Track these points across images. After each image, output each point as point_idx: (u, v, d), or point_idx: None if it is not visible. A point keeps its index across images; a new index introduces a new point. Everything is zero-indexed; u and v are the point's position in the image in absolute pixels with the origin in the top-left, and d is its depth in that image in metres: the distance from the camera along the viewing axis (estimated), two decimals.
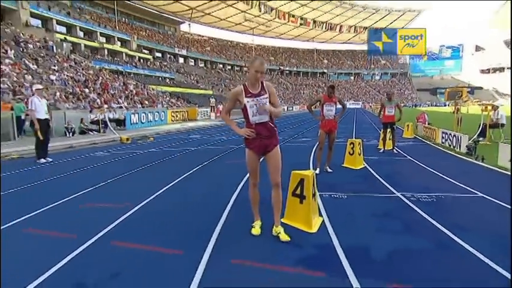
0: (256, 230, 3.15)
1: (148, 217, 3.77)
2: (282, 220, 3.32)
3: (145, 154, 8.89)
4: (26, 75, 19.61)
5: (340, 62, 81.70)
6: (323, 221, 3.47)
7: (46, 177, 5.97)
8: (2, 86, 15.33)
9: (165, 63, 49.62)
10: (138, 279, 2.38)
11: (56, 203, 4.29)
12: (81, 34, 38.90)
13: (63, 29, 36.81)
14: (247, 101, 3.00)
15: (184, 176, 5.90)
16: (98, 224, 3.46)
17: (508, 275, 2.32)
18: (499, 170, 6.04)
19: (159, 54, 52.18)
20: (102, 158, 8.20)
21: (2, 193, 4.79)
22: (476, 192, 4.53)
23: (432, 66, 77.06)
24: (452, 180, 5.23)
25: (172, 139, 12.84)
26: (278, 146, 3.16)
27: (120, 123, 16.43)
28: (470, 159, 7.14)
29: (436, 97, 67.25)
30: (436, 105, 57.28)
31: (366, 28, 71.89)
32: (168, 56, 53.79)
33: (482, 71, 66.33)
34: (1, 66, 18.20)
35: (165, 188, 4.99)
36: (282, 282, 2.31)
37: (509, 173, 5.62)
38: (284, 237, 3.01)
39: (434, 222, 3.42)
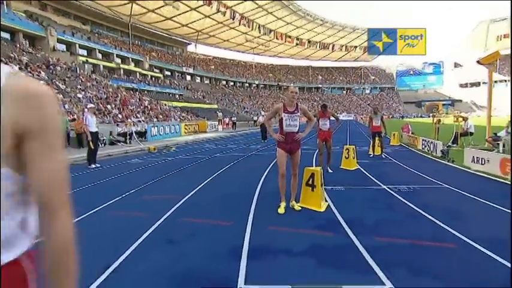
0: (281, 208, 4.11)
1: (197, 203, 4.71)
2: (301, 204, 4.27)
3: (173, 161, 9.83)
4: (58, 94, 20.70)
5: (333, 77, 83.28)
6: (328, 204, 4.42)
7: (101, 178, 6.90)
8: None
9: (174, 81, 50.89)
10: (207, 239, 3.33)
11: (122, 196, 5.22)
12: (100, 56, 40.17)
13: (85, 52, 38.07)
14: (284, 115, 4.00)
15: (213, 176, 6.83)
16: (160, 208, 4.38)
17: (458, 234, 3.29)
18: (464, 169, 7.02)
19: (168, 73, 53.48)
20: (139, 164, 9.14)
21: (74, 190, 5.72)
22: (443, 184, 5.51)
23: (416, 81, 78.62)
24: (427, 177, 6.20)
25: (191, 148, 13.79)
26: (300, 149, 4.16)
27: (141, 135, 17.39)
28: (443, 161, 8.12)
29: (421, 109, 68.45)
30: (421, 117, 58.38)
31: (356, 47, 73.86)
32: (177, 74, 55.07)
33: (461, 85, 67.88)
34: None
35: (201, 185, 5.93)
36: (305, 238, 3.26)
37: (471, 171, 6.60)
38: (297, 207, 4.17)
39: (409, 203, 4.39)
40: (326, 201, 4.55)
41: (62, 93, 21.56)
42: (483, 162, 6.49)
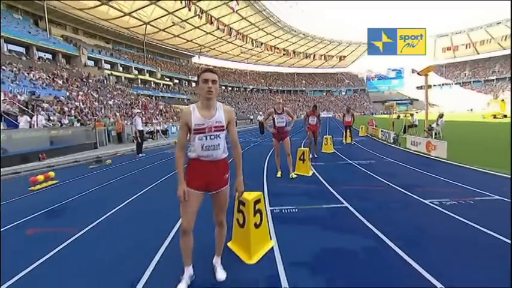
0: (279, 174, 5.50)
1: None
2: (296, 172, 5.73)
3: None
4: (94, 102, 21.74)
5: (314, 82, 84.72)
6: (313, 172, 5.90)
7: (151, 163, 8.21)
8: (84, 110, 17.46)
9: (182, 88, 51.77)
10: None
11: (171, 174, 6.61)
12: (121, 69, 40.88)
13: (108, 66, 38.76)
14: (275, 116, 5.25)
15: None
16: None
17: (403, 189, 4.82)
18: (405, 149, 8.61)
19: (177, 81, 54.25)
20: (172, 154, 10.47)
21: (137, 170, 7.06)
22: (388, 158, 7.08)
23: (382, 84, 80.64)
24: (379, 155, 7.75)
25: None
26: (288, 137, 5.35)
27: (164, 132, 18.66)
28: (393, 145, 9.70)
29: (393, 105, 70.46)
30: (387, 114, 60.27)
31: (333, 56, 75.29)
32: (184, 81, 55.89)
33: (417, 88, 70.27)
34: (79, 97, 20.37)
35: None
36: (300, 188, 4.73)
37: (409, 150, 8.16)
38: (294, 175, 5.37)
39: (365, 170, 5.92)
40: (312, 170, 6.04)
41: (97, 101, 22.56)
42: (417, 145, 8.07)
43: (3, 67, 18.83)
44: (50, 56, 31.39)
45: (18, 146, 9.11)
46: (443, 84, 73.55)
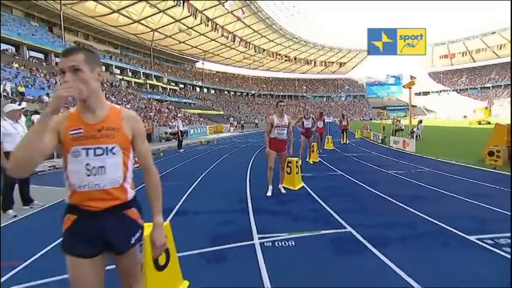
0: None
1: (257, 164, 8.90)
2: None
3: (223, 148, 13.94)
4: None
5: (315, 87, 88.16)
6: (320, 160, 8.70)
7: (191, 157, 10.90)
8: None
9: (187, 92, 54.69)
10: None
11: (217, 161, 9.37)
12: (130, 74, 43.72)
13: (118, 71, 41.59)
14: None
15: (255, 154, 11.02)
16: (243, 164, 8.53)
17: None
18: (388, 147, 11.52)
19: (182, 86, 57.20)
20: (204, 150, 13.22)
21: (183, 162, 9.80)
22: (373, 153, 9.97)
23: (381, 90, 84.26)
24: (367, 150, 10.65)
25: (225, 141, 17.94)
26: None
27: (183, 134, 21.40)
28: (381, 145, 12.60)
29: (384, 112, 74.14)
30: (385, 119, 63.66)
31: (333, 63, 78.90)
32: (189, 86, 58.86)
33: (416, 94, 74.16)
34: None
35: (252, 157, 10.10)
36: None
37: (390, 148, 11.06)
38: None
39: (356, 159, 8.76)
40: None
41: (117, 105, 25.22)
42: (397, 144, 10.96)
43: (28, 72, 21.56)
44: None
45: None
46: (441, 91, 77.36)
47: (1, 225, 3.55)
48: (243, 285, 2.07)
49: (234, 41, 58.03)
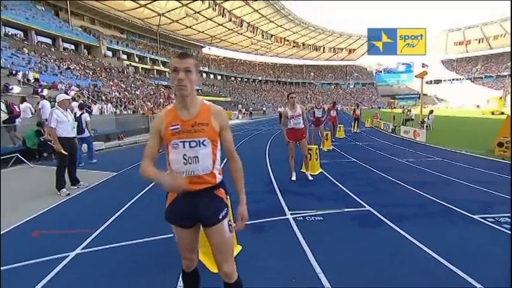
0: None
1: (273, 151, 9.35)
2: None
3: (237, 135, 14.38)
4: (124, 92, 25.00)
5: (323, 74, 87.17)
6: (333, 147, 9.13)
7: None
8: (124, 100, 20.76)
9: None
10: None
11: (241, 142, 9.88)
12: (136, 59, 43.87)
13: (125, 56, 41.73)
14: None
15: (271, 139, 11.50)
16: (261, 150, 9.01)
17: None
18: (398, 136, 11.86)
19: None
20: None
21: None
22: (385, 142, 10.34)
23: (392, 77, 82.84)
24: (377, 139, 11.04)
25: (239, 128, 18.40)
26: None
27: None
28: (391, 134, 12.92)
29: (394, 101, 73.23)
30: (398, 107, 63.06)
31: (342, 49, 77.55)
32: None
33: (427, 82, 72.78)
34: (113, 88, 23.66)
35: (268, 143, 10.56)
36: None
37: (400, 137, 11.40)
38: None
39: (368, 148, 9.18)
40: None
41: (126, 91, 25.81)
42: (407, 133, 11.29)
43: (39, 57, 22.04)
44: (73, 47, 34.34)
45: (104, 127, 12.48)
46: (454, 79, 75.63)
47: (57, 203, 4.15)
48: (287, 251, 2.58)
49: (241, 26, 57.37)
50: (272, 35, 65.66)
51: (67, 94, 9.29)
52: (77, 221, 3.39)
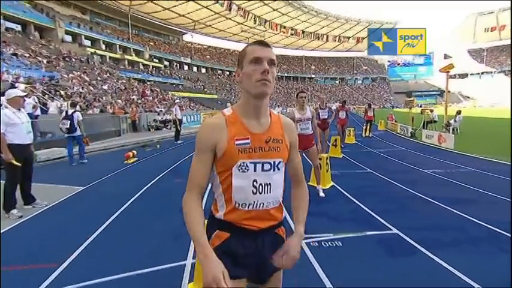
0: None
1: None
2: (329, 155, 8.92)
3: None
4: (88, 86, 24.55)
5: (326, 67, 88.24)
6: (343, 155, 9.13)
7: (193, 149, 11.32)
8: (88, 96, 20.40)
9: (173, 71, 54.44)
10: None
11: None
12: (103, 47, 43.31)
13: (89, 43, 41.00)
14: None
15: None
16: None
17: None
18: (419, 141, 11.99)
19: (166, 63, 56.81)
20: None
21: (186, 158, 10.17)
22: (403, 148, 10.42)
23: (407, 71, 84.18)
24: (396, 146, 11.10)
25: None
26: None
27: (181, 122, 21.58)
28: (410, 139, 13.06)
29: (410, 99, 74.12)
30: (408, 108, 63.91)
31: (349, 38, 78.85)
32: (175, 64, 58.48)
33: (450, 76, 73.92)
34: (73, 81, 23.22)
35: None
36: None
37: (422, 142, 11.53)
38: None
39: (385, 155, 9.21)
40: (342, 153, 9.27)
41: (91, 85, 25.34)
42: (430, 138, 11.42)
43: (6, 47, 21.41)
44: (19, 28, 32.27)
45: (58, 131, 12.13)
46: (483, 73, 75.08)
47: (6, 228, 3.92)
48: (302, 283, 2.47)
49: (230, 10, 57.75)
50: (266, 21, 66.35)
51: (15, 87, 9.07)
52: (34, 252, 3.18)
